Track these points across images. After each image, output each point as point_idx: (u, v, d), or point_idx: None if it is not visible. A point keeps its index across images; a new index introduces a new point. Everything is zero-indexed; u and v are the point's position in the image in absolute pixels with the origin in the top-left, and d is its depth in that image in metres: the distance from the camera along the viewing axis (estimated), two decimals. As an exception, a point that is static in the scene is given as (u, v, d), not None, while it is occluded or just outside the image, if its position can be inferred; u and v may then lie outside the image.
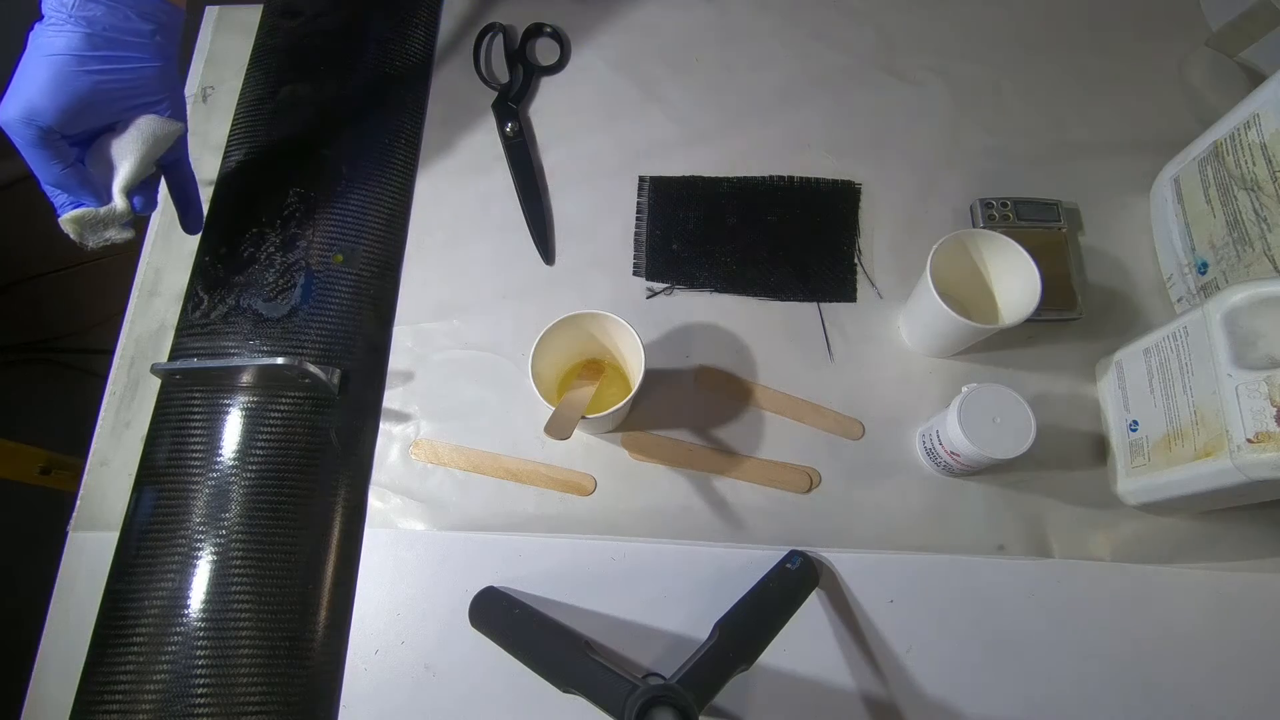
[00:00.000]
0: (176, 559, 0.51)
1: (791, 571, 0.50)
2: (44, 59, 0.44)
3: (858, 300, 0.60)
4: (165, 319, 0.60)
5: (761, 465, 0.55)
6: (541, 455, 0.55)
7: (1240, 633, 0.51)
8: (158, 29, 0.47)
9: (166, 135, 0.49)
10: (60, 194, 0.47)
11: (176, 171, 0.55)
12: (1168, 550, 0.52)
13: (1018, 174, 0.63)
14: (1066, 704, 0.49)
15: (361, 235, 0.61)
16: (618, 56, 0.69)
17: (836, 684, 0.50)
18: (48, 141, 0.45)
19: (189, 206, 0.56)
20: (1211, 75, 0.65)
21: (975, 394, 0.48)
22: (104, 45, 0.45)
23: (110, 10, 0.45)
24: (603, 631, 0.51)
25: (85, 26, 0.44)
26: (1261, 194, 0.50)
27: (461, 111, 0.67)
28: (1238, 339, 0.44)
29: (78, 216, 0.47)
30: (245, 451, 0.54)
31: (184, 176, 0.55)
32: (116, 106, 0.47)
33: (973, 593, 0.52)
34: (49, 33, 0.44)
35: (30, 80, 0.44)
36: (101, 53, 0.45)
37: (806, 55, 0.69)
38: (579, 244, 0.62)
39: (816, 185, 0.63)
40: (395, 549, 0.53)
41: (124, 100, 0.47)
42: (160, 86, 0.48)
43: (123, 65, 0.46)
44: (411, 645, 0.51)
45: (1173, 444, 0.48)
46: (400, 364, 0.58)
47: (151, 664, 0.49)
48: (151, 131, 0.48)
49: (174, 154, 0.53)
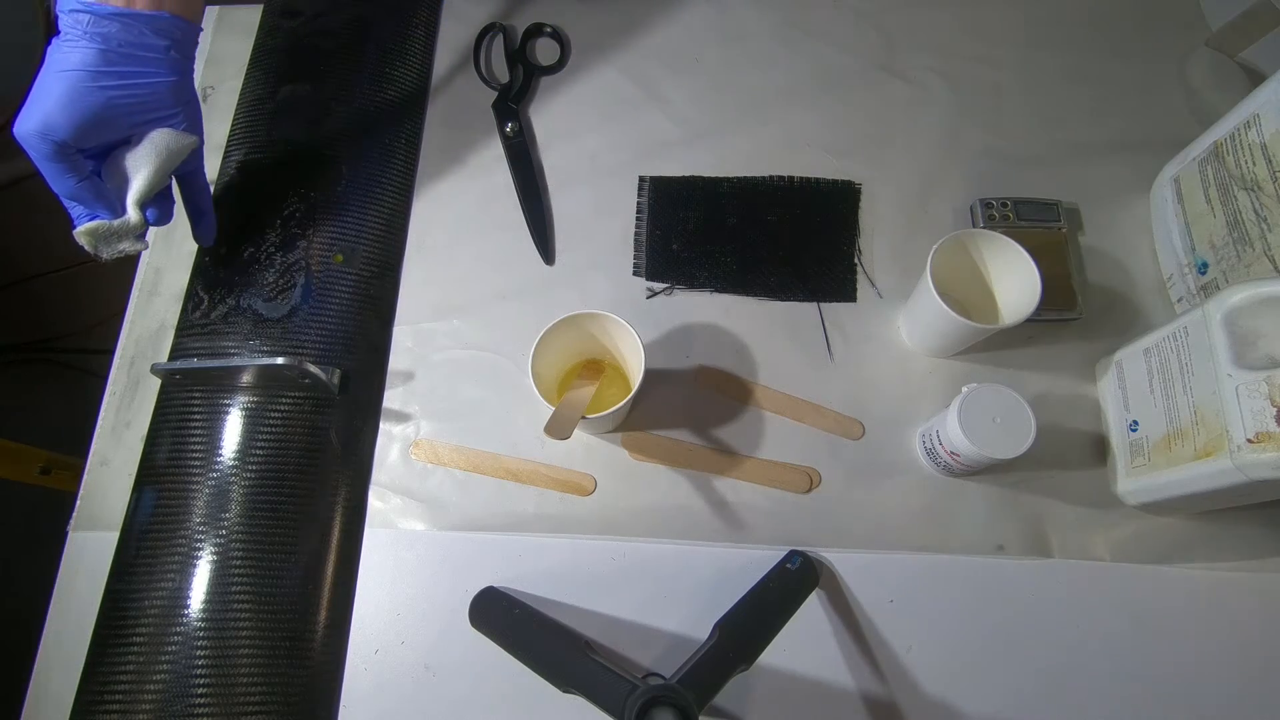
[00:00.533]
0: (176, 559, 0.51)
1: (791, 571, 0.50)
2: (59, 74, 0.44)
3: (858, 300, 0.60)
4: (165, 319, 0.60)
5: (761, 465, 0.55)
6: (541, 455, 0.55)
7: (1240, 632, 0.51)
8: (172, 44, 0.47)
9: (181, 149, 0.49)
10: (76, 206, 0.48)
11: (191, 183, 0.55)
12: (1168, 550, 0.52)
13: (1018, 174, 0.63)
14: (1066, 704, 0.49)
15: (361, 235, 0.61)
16: (618, 56, 0.69)
17: (836, 684, 0.50)
18: (63, 155, 0.45)
19: (202, 217, 0.57)
20: (1211, 75, 0.65)
21: (975, 394, 0.48)
22: (119, 61, 0.45)
23: (125, 27, 0.45)
24: (603, 631, 0.51)
25: (100, 43, 0.45)
26: (1261, 194, 0.50)
27: (461, 111, 0.67)
28: (1238, 339, 0.44)
29: (92, 229, 0.47)
30: (245, 451, 0.54)
31: (198, 188, 0.55)
32: (131, 121, 0.47)
33: (972, 593, 0.52)
34: (65, 48, 0.45)
35: (46, 95, 0.44)
36: (116, 68, 0.45)
37: (806, 55, 0.69)
38: (579, 244, 0.62)
39: (816, 185, 0.63)
40: (395, 549, 0.53)
41: (138, 115, 0.47)
42: (174, 100, 0.48)
43: (138, 80, 0.46)
44: (411, 645, 0.51)
45: (1173, 444, 0.48)
46: (400, 364, 0.58)
47: (151, 664, 0.49)
48: (165, 145, 0.48)
49: (189, 166, 0.53)
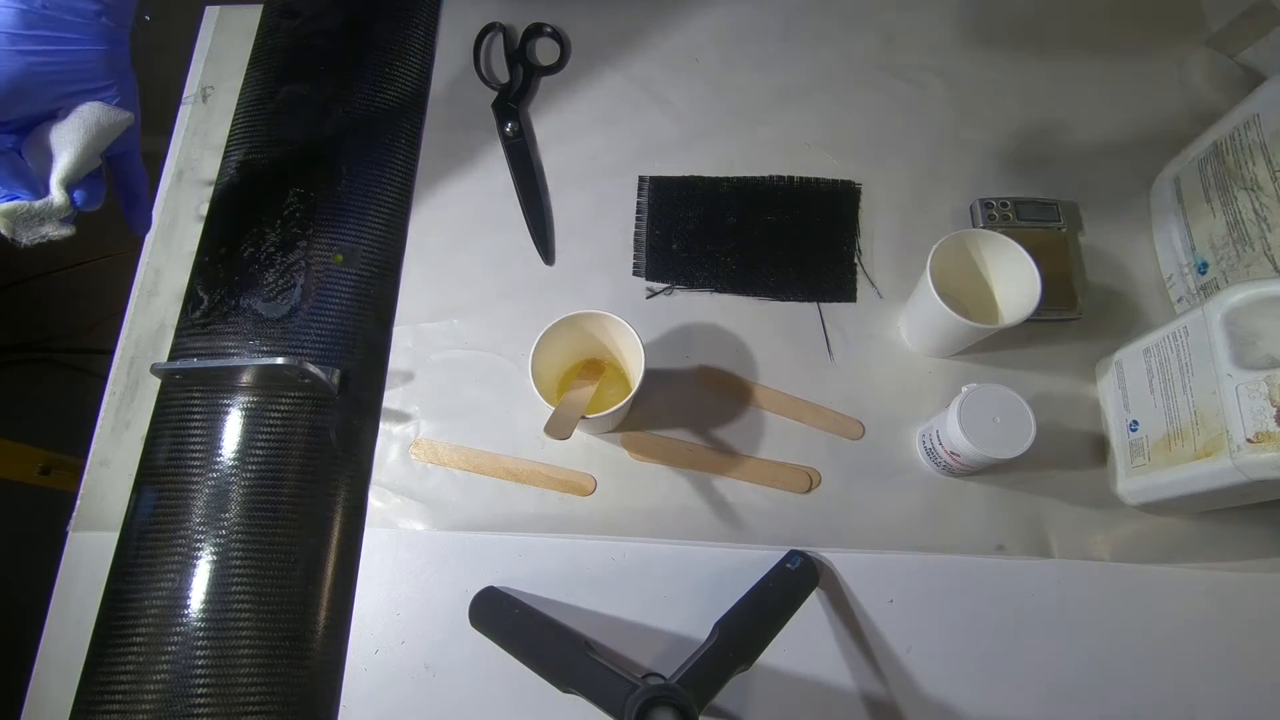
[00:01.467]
0: (176, 559, 0.51)
1: (791, 571, 0.50)
2: None
3: (858, 300, 0.60)
4: (165, 319, 0.60)
5: (761, 465, 0.55)
6: (541, 455, 0.55)
7: (1239, 633, 0.51)
8: (104, 10, 0.43)
9: (113, 125, 0.45)
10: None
11: (124, 165, 0.50)
12: (1168, 550, 0.52)
13: (1018, 174, 0.63)
14: (1067, 703, 0.49)
15: (361, 235, 0.61)
16: (618, 56, 0.69)
17: (836, 684, 0.50)
18: None
19: (135, 203, 0.52)
20: (1211, 75, 0.65)
21: (975, 394, 0.48)
22: (40, 24, 0.41)
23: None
24: (603, 631, 0.51)
25: (20, 3, 0.41)
26: (1261, 194, 0.50)
27: (461, 111, 0.67)
28: (1238, 339, 0.44)
29: (9, 210, 0.42)
30: (245, 451, 0.54)
31: (131, 171, 0.51)
32: (55, 92, 0.43)
33: (972, 593, 0.52)
34: None
35: None
36: (37, 31, 0.41)
37: (806, 55, 0.68)
38: (579, 244, 0.62)
39: (816, 185, 0.63)
40: (395, 549, 0.53)
41: (63, 85, 0.43)
42: (106, 72, 0.44)
43: (61, 47, 0.42)
44: (411, 645, 0.51)
45: (1173, 444, 0.48)
46: (400, 364, 0.58)
47: (151, 664, 0.49)
48: (95, 120, 0.44)
49: (122, 146, 0.48)
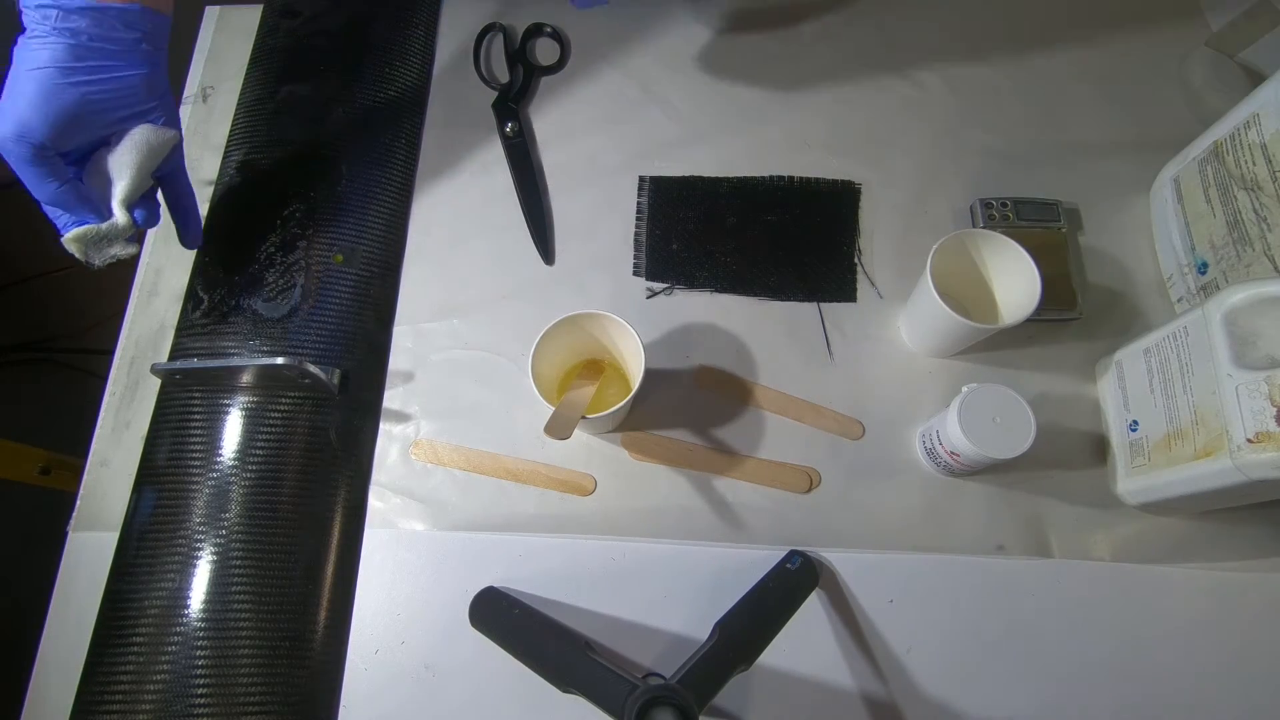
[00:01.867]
0: (176, 559, 0.51)
1: (791, 571, 0.50)
2: (28, 73, 0.43)
3: (858, 300, 0.60)
4: (165, 319, 0.60)
5: (761, 465, 0.55)
6: (541, 455, 0.55)
7: (1240, 633, 0.51)
8: (143, 36, 0.46)
9: (162, 144, 0.48)
10: (60, 213, 0.46)
11: (173, 184, 0.54)
12: (1168, 550, 0.52)
13: (1018, 174, 0.63)
14: (1066, 704, 0.49)
15: (361, 235, 0.61)
16: (618, 56, 0.69)
17: (836, 684, 0.50)
18: (42, 158, 0.44)
19: (188, 219, 0.55)
20: (1211, 75, 0.65)
21: (975, 394, 0.48)
22: (89, 56, 0.44)
23: (95, 20, 0.44)
24: (603, 631, 0.51)
25: (69, 38, 0.43)
26: (1261, 194, 0.50)
27: (461, 111, 0.67)
28: (1238, 339, 0.44)
29: (80, 235, 0.46)
30: (245, 451, 0.54)
31: (181, 189, 0.54)
32: (108, 118, 0.46)
33: (972, 593, 0.52)
34: (33, 45, 0.43)
35: (18, 96, 0.43)
36: (87, 63, 0.44)
37: (806, 55, 0.68)
38: (579, 244, 0.62)
39: (816, 185, 0.63)
40: (395, 549, 0.53)
41: (114, 110, 0.46)
42: (149, 94, 0.47)
43: (109, 75, 0.45)
44: (411, 645, 0.51)
45: (1173, 444, 0.48)
46: (400, 364, 0.58)
47: (151, 664, 0.49)
48: (146, 141, 0.47)
49: (170, 165, 0.51)
